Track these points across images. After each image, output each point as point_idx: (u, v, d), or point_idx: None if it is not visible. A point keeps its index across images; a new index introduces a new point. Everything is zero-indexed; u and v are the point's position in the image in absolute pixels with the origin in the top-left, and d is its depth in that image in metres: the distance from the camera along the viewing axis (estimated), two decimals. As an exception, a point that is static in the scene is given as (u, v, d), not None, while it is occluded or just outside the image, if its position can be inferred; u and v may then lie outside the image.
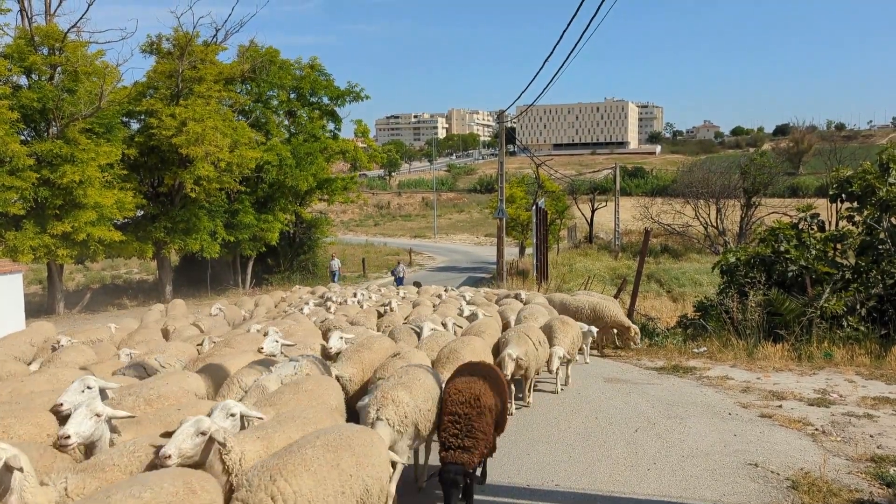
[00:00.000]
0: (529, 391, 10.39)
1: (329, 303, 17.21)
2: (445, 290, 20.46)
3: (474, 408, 6.18)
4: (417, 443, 6.66)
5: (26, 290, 23.17)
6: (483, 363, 7.46)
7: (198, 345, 11.24)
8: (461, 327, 12.20)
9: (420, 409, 6.44)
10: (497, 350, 10.09)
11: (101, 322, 19.20)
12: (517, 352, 9.22)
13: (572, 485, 7.27)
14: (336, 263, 34.48)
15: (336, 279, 32.85)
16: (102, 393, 6.44)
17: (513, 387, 9.91)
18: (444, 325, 11.76)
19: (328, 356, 9.31)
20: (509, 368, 8.94)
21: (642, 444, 8.52)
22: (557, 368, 10.76)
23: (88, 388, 6.29)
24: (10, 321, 16.20)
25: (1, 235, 23.44)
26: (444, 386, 6.96)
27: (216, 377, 8.23)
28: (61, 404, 6.07)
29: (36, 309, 25.73)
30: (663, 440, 8.67)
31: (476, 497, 6.71)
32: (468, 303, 15.73)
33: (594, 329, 13.39)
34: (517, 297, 16.92)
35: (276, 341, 9.44)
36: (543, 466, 7.81)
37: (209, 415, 5.38)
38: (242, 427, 5.69)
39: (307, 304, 17.00)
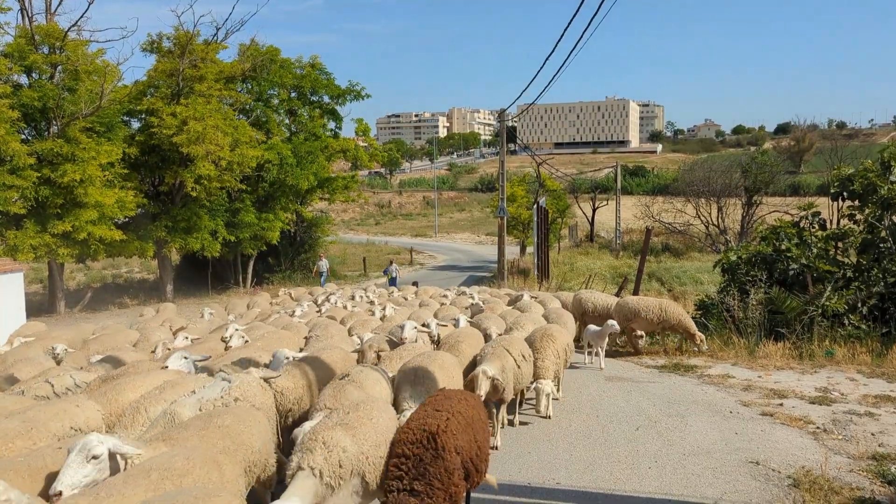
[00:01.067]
0: (500, 423, 8.59)
1: (329, 304, 16.57)
2: (450, 290, 19.84)
3: (428, 449, 5.01)
4: (366, 501, 5.26)
5: (27, 289, 23.18)
6: (459, 394, 6.05)
7: (151, 351, 10.18)
8: (445, 325, 11.24)
9: (367, 456, 5.12)
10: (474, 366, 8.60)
11: (102, 321, 19.22)
12: (493, 369, 7.93)
13: (573, 483, 7.26)
14: (324, 264, 32.85)
15: (324, 280, 31.39)
16: None
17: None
18: (427, 325, 10.70)
19: None
20: (483, 388, 7.72)
21: (643, 443, 8.51)
22: (541, 397, 9.21)
23: None
24: (10, 320, 16.20)
25: (2, 234, 23.44)
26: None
27: (117, 402, 6.59)
28: None
29: (37, 308, 25.74)
30: (664, 438, 8.66)
31: (478, 495, 6.69)
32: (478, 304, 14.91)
33: (615, 324, 12.73)
34: (526, 297, 15.82)
35: (185, 357, 8.15)
36: (544, 464, 7.81)
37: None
38: (113, 469, 4.55)
39: (301, 306, 16.19)
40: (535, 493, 7.04)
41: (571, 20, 13.52)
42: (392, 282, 29.41)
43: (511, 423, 9.29)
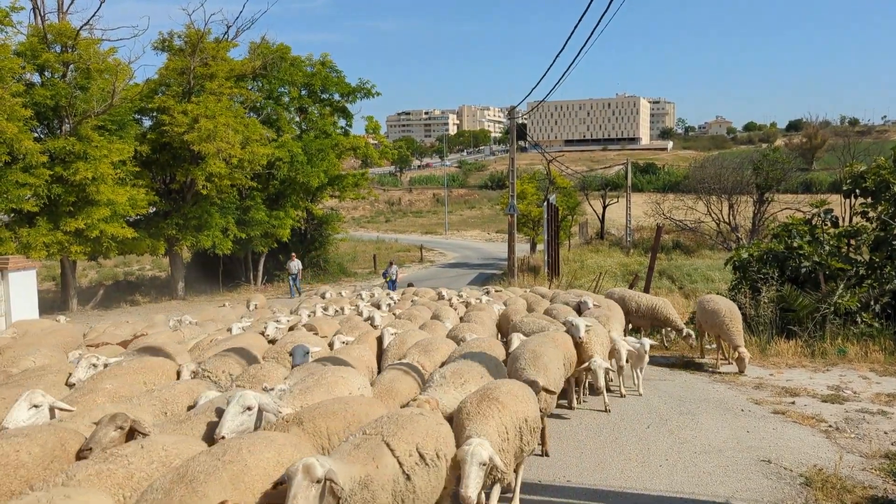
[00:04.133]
0: None
1: (359, 303, 15.33)
2: (466, 292, 17.35)
3: None
4: None
5: (40, 286, 23.32)
6: None
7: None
8: (350, 340, 8.78)
9: None
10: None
11: (113, 319, 19.31)
12: (340, 479, 3.93)
13: (584, 480, 7.25)
14: (295, 264, 30.02)
15: (296, 284, 29.89)
16: None
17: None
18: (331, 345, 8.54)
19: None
20: None
21: (654, 441, 8.48)
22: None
23: None
24: (24, 318, 16.30)
25: (15, 232, 23.62)
26: None
27: None
28: None
29: (49, 305, 25.92)
30: (675, 436, 8.63)
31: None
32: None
33: (647, 342, 10.79)
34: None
35: None
36: (554, 462, 7.79)
37: None
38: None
39: (280, 317, 13.08)
40: (545, 490, 7.04)
41: (582, 17, 13.56)
42: (391, 285, 27.36)
43: None
